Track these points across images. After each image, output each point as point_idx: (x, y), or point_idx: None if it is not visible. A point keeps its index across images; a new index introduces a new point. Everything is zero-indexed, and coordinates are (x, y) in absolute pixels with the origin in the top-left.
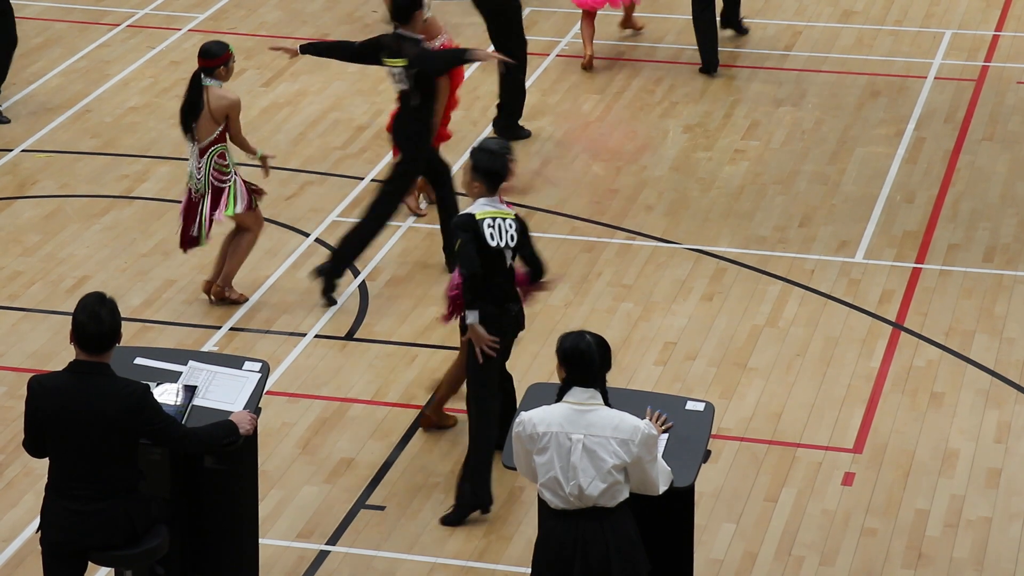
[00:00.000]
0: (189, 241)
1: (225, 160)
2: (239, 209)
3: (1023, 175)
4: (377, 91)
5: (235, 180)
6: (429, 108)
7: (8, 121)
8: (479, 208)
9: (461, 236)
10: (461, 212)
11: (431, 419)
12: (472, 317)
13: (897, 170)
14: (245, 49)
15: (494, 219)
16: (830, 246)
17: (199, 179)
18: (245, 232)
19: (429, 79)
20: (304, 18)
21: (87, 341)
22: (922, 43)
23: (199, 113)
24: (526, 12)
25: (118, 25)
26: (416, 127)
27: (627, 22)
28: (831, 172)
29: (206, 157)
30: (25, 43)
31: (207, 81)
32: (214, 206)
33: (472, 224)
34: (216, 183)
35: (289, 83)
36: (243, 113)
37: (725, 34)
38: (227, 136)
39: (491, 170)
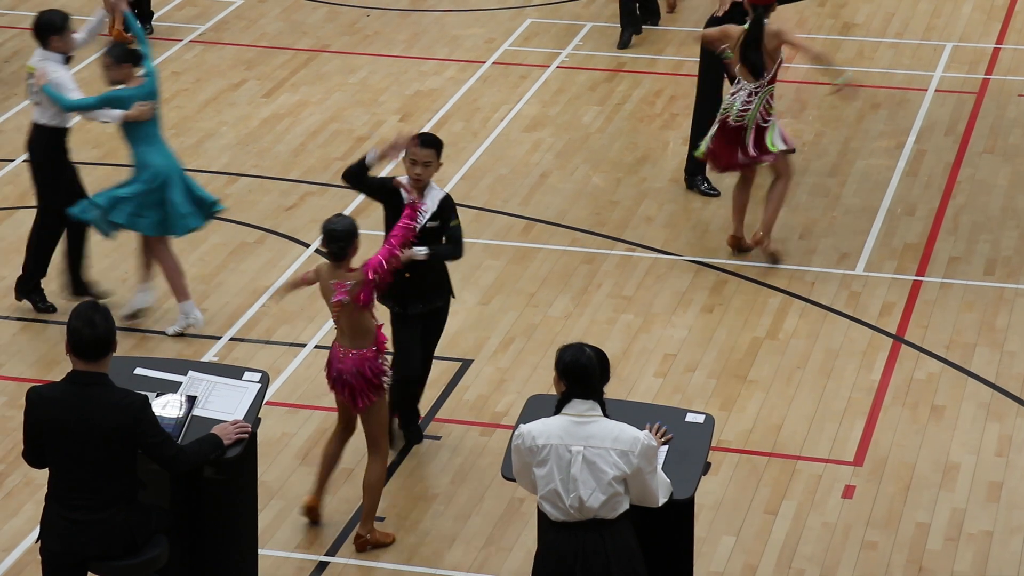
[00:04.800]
0: (729, 166)
1: (774, 101)
2: (780, 146)
3: None
4: (377, 103)
5: (775, 122)
6: None
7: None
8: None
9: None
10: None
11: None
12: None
13: (898, 183)
14: (246, 60)
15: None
16: (830, 258)
17: (742, 112)
18: (777, 180)
19: None
20: (304, 29)
21: (83, 347)
22: (923, 56)
23: (761, 50)
24: (525, 24)
25: None
26: None
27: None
28: (831, 184)
29: (759, 95)
30: (27, 54)
31: (769, 20)
32: (756, 144)
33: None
34: (760, 122)
35: (290, 94)
36: (243, 123)
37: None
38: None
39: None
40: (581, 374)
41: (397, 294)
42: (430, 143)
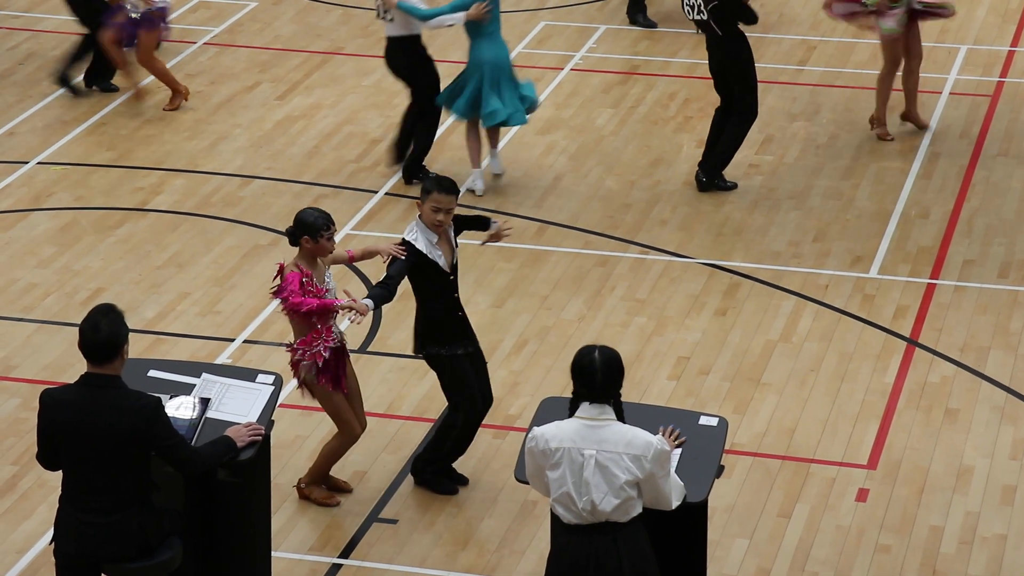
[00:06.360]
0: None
1: None
2: (888, 28)
3: None
4: (392, 105)
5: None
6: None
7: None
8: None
9: None
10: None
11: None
12: None
13: (912, 185)
14: (260, 62)
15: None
16: (844, 261)
17: None
18: (893, 65)
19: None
20: (318, 31)
21: (85, 350)
22: (937, 58)
23: None
24: (539, 26)
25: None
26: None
27: None
28: (845, 187)
29: None
30: (41, 56)
31: None
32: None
33: None
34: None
35: (304, 96)
36: (257, 126)
37: None
38: None
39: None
40: (582, 375)
41: (463, 333)
42: (455, 190)
